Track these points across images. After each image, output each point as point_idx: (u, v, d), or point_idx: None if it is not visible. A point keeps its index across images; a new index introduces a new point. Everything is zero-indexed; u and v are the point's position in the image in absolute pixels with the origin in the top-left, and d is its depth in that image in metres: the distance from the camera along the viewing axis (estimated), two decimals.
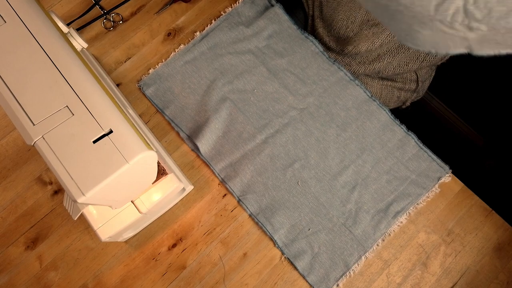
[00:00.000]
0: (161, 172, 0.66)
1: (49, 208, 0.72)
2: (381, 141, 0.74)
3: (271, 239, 0.70)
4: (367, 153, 0.74)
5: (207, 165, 0.74)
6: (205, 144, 0.75)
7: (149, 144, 0.49)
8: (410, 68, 0.80)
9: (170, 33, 0.83)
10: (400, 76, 0.83)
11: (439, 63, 0.83)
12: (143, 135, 0.52)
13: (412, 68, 0.80)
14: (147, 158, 0.47)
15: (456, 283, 0.68)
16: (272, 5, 0.84)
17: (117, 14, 0.85)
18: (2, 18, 0.49)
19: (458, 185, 0.73)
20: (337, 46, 0.79)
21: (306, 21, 0.86)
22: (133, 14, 0.85)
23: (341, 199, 0.71)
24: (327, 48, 0.81)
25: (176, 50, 0.81)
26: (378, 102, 0.77)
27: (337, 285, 0.68)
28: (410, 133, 0.75)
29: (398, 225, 0.70)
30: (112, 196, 0.52)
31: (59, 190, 0.73)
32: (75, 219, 0.59)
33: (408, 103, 0.91)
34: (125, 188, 0.53)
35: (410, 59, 0.76)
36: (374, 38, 0.71)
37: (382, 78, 0.84)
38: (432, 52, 0.40)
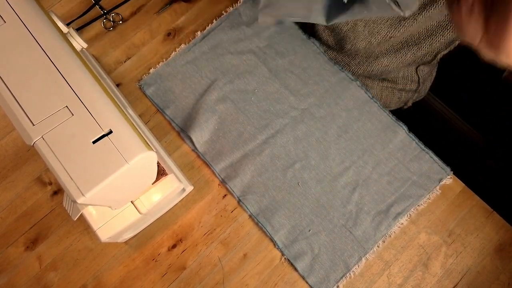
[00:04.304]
0: (161, 173, 0.65)
1: (49, 208, 0.72)
2: (382, 142, 0.74)
3: (271, 240, 0.70)
4: (368, 154, 0.74)
5: (207, 165, 0.74)
6: (204, 145, 0.75)
7: (148, 145, 0.49)
8: (409, 69, 0.80)
9: (170, 33, 0.83)
10: (401, 77, 0.83)
11: (436, 62, 0.82)
12: (143, 135, 0.52)
13: (412, 69, 0.80)
14: (146, 159, 0.47)
15: (457, 284, 0.68)
16: None
17: (117, 14, 0.84)
18: (2, 18, 0.49)
19: (459, 185, 0.73)
20: (336, 45, 0.79)
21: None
22: (133, 14, 0.85)
23: (341, 200, 0.71)
24: (326, 46, 0.81)
25: (177, 49, 0.81)
26: (379, 103, 0.76)
27: (337, 286, 0.67)
28: (411, 134, 0.74)
29: (399, 226, 0.70)
30: (112, 196, 0.52)
31: (58, 191, 0.73)
32: (75, 219, 0.59)
33: (409, 104, 0.91)
34: (125, 189, 0.53)
35: (409, 60, 0.76)
36: (371, 37, 0.71)
37: (383, 79, 0.83)
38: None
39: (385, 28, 0.67)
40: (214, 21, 0.83)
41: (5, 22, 0.49)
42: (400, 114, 0.78)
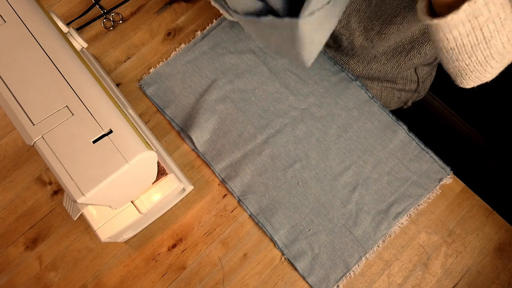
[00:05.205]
0: (161, 172, 0.65)
1: (49, 208, 0.72)
2: (382, 142, 0.74)
3: (271, 239, 0.70)
4: (368, 154, 0.74)
5: (207, 165, 0.74)
6: (204, 144, 0.75)
7: (149, 144, 0.49)
8: (407, 70, 0.80)
9: (170, 33, 0.83)
10: (400, 77, 0.83)
11: (436, 62, 0.82)
12: (143, 135, 0.52)
13: (410, 69, 0.80)
14: (147, 158, 0.47)
15: (457, 284, 0.68)
16: None
17: (117, 13, 0.84)
18: (2, 18, 0.49)
19: (459, 185, 0.73)
20: (333, 43, 0.79)
21: None
22: (133, 13, 0.85)
23: (341, 199, 0.71)
24: (325, 44, 0.81)
25: (177, 49, 0.81)
26: (379, 103, 0.76)
27: (337, 286, 0.67)
28: (411, 134, 0.74)
29: (399, 226, 0.70)
30: (112, 196, 0.52)
31: (58, 190, 0.73)
32: (75, 219, 0.59)
33: (409, 103, 0.91)
34: (125, 188, 0.53)
35: (406, 61, 0.75)
36: (366, 33, 0.71)
37: (382, 80, 0.83)
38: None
39: (378, 25, 0.67)
40: (214, 20, 0.83)
41: (5, 22, 0.49)
42: (400, 113, 0.78)
